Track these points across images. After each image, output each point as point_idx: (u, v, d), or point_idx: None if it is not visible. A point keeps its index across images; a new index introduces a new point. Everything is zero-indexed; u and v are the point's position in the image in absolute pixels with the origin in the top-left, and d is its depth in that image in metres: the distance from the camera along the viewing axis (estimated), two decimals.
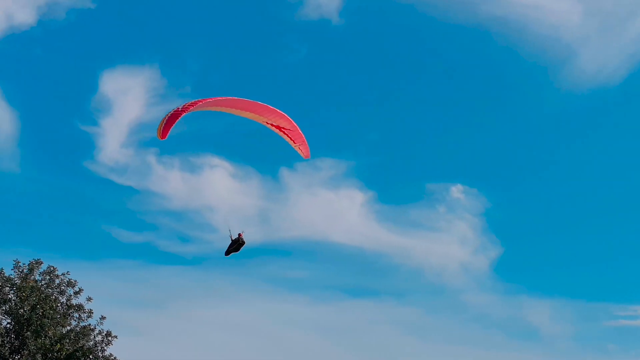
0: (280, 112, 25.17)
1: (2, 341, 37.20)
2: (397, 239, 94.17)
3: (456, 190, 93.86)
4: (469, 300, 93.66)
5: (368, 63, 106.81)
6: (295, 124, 25.55)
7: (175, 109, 23.71)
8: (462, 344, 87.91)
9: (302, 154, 26.80)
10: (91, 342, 38.61)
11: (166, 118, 23.74)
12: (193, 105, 23.73)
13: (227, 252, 26.32)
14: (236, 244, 26.15)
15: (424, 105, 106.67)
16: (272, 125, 25.38)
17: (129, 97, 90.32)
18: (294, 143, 26.35)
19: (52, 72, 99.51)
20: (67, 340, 37.85)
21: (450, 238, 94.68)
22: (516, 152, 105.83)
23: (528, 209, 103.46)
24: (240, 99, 24.93)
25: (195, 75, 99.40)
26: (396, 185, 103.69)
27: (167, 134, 23.72)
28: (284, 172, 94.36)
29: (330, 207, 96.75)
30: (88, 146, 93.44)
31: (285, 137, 26.01)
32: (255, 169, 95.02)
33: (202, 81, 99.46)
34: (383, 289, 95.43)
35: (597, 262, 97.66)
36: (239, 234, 25.80)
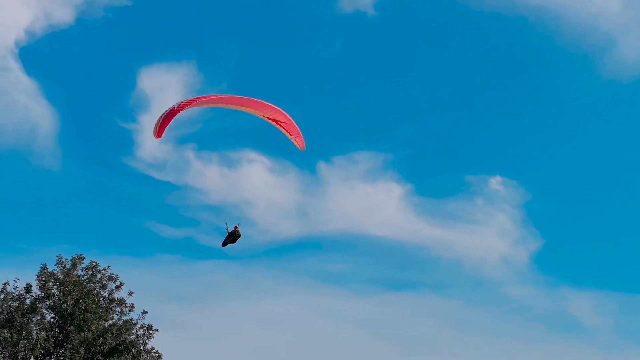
0: (275, 106, 25.79)
1: (46, 335, 37.66)
2: (436, 232, 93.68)
3: (495, 182, 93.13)
4: (510, 292, 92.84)
5: (403, 55, 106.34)
6: (290, 118, 26.17)
7: (171, 108, 24.20)
8: (503, 337, 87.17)
9: (297, 146, 27.48)
10: (133, 336, 38.95)
11: (162, 117, 24.26)
12: (189, 104, 24.24)
13: (224, 244, 27.45)
14: (232, 236, 27.29)
15: (462, 97, 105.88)
16: (268, 118, 26.03)
17: (166, 94, 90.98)
18: (290, 135, 26.98)
19: (91, 70, 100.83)
20: (110, 334, 38.19)
21: (490, 230, 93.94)
22: (556, 142, 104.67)
23: (568, 200, 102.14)
24: (236, 96, 25.58)
25: (231, 71, 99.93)
26: (434, 178, 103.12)
27: (163, 133, 24.29)
28: (322, 166, 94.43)
29: (368, 201, 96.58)
30: (127, 143, 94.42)
31: (281, 129, 26.65)
32: (292, 163, 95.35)
33: (239, 76, 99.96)
34: (422, 282, 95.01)
35: None
36: (235, 227, 27.02)
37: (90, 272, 40.12)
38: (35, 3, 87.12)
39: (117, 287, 40.24)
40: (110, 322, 39.22)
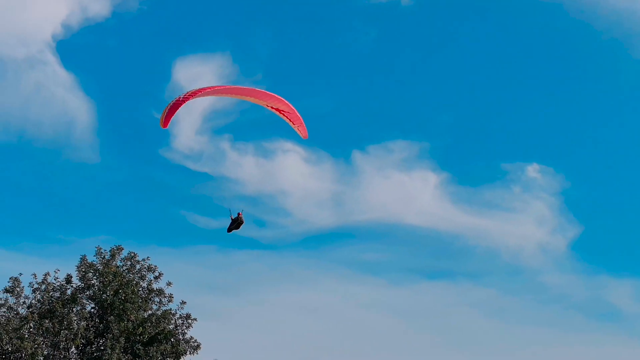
0: (279, 96, 26.29)
1: (87, 325, 38.09)
2: (473, 220, 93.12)
3: (532, 170, 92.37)
4: (548, 281, 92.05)
5: (438, 43, 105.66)
6: (293, 107, 26.63)
7: (177, 98, 24.69)
8: (541, 326, 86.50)
9: (300, 134, 27.98)
10: (172, 326, 39.23)
11: (168, 107, 24.76)
12: (194, 95, 24.76)
13: (229, 230, 28.42)
14: (236, 223, 28.21)
15: (497, 83, 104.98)
16: (272, 108, 26.54)
17: (201, 85, 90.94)
18: (293, 124, 27.47)
19: (127, 62, 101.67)
20: (149, 324, 38.48)
21: (527, 218, 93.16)
22: (593, 128, 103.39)
23: (606, 187, 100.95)
24: (241, 87, 26.41)
25: (266, 61, 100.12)
26: (470, 166, 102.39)
27: (168, 123, 24.84)
28: (357, 155, 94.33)
29: (404, 189, 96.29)
30: (163, 134, 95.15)
31: (285, 118, 27.16)
32: (327, 153, 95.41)
33: (273, 67, 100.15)
34: (459, 271, 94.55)
35: None
36: (239, 213, 27.85)
37: (129, 263, 40.46)
38: None
39: (156, 278, 40.55)
40: (150, 312, 39.52)
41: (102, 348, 37.67)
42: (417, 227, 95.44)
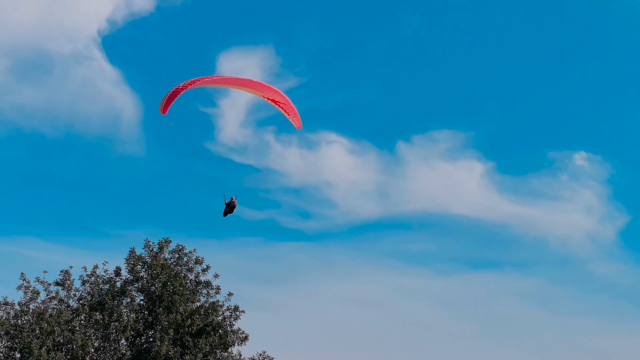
0: (274, 87, 27.07)
1: (136, 317, 38.45)
2: (519, 210, 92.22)
3: (579, 158, 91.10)
4: (596, 270, 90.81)
5: (482, 31, 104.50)
6: (287, 98, 27.30)
7: (176, 87, 25.54)
8: (589, 316, 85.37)
9: (295, 125, 28.55)
10: (220, 317, 39.40)
11: (167, 95, 25.63)
12: (192, 84, 25.57)
13: (224, 214, 30.02)
14: (229, 207, 29.72)
15: (542, 70, 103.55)
16: (268, 99, 27.31)
17: (245, 77, 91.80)
18: (288, 115, 28.10)
19: (171, 56, 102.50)
20: (197, 316, 38.66)
21: (574, 207, 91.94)
22: None
23: None
24: (237, 77, 27.18)
25: (309, 53, 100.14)
26: (516, 155, 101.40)
27: (167, 110, 25.82)
28: (401, 146, 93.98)
29: (449, 179, 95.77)
30: (208, 127, 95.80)
31: (280, 109, 27.82)
32: (372, 144, 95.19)
33: (316, 58, 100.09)
34: (506, 261, 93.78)
35: None
36: (232, 198, 29.31)
37: (177, 255, 40.70)
38: None
39: (204, 270, 40.72)
40: (198, 304, 39.72)
41: (151, 340, 37.96)
42: (463, 217, 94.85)
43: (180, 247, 41.09)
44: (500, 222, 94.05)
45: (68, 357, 36.33)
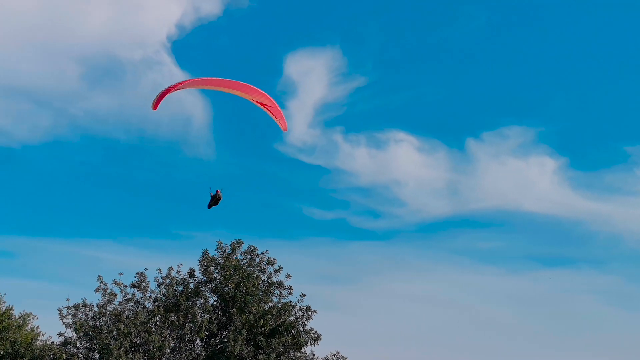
0: (261, 90, 27.91)
1: (210, 318, 38.89)
2: (594, 206, 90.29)
3: None
4: None
5: (551, 26, 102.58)
6: (274, 101, 28.23)
7: (168, 87, 27.00)
8: None
9: (281, 127, 29.45)
10: (292, 317, 39.56)
11: (158, 95, 27.12)
12: (183, 84, 26.82)
13: (209, 206, 30.91)
14: (214, 199, 30.57)
15: (616, 62, 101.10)
16: (256, 102, 28.06)
17: (312, 79, 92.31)
18: (275, 117, 28.86)
19: (239, 59, 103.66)
20: (270, 316, 38.90)
21: None
22: None
23: None
24: (226, 80, 27.98)
25: (375, 52, 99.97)
26: (590, 150, 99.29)
27: (157, 106, 27.52)
28: (471, 143, 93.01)
29: (521, 176, 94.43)
30: (276, 129, 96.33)
31: (267, 112, 28.67)
32: (441, 141, 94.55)
33: (383, 57, 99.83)
34: (580, 258, 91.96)
35: None
36: (217, 191, 30.17)
37: (249, 256, 41.02)
38: None
39: (276, 271, 40.93)
40: (270, 304, 39.95)
41: (225, 340, 38.33)
42: (536, 213, 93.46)
43: (252, 248, 41.41)
44: (574, 219, 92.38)
45: (145, 357, 36.97)
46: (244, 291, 39.35)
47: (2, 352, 37.94)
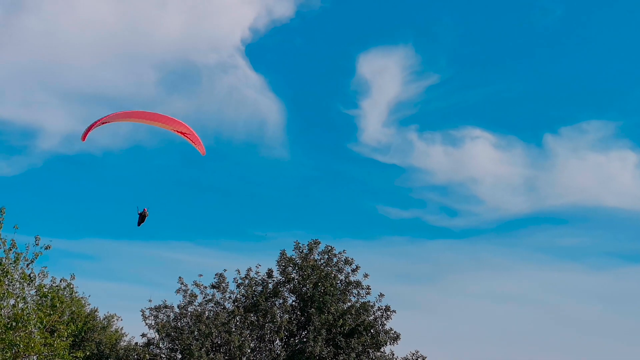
0: (180, 120, 29.40)
1: (289, 318, 39.04)
2: None
3: None
4: None
5: (628, 16, 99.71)
6: (191, 129, 29.71)
7: (95, 122, 28.58)
8: None
9: (200, 152, 30.60)
10: (371, 317, 39.39)
11: (87, 128, 28.74)
12: (107, 117, 28.43)
13: (138, 224, 31.66)
14: (141, 217, 31.44)
15: None
16: (176, 131, 29.60)
17: (385, 77, 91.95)
18: (194, 144, 30.25)
19: (312, 60, 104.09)
20: (349, 316, 38.79)
21: None
22: None
23: None
24: (148, 112, 29.57)
25: (449, 49, 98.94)
26: None
27: (85, 138, 28.88)
28: (549, 138, 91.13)
29: (601, 171, 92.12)
30: (351, 128, 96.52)
31: (187, 140, 30.13)
32: (518, 138, 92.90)
33: (457, 53, 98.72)
34: None
35: None
36: (144, 209, 31.05)
37: (326, 256, 41.04)
38: (257, 1, 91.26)
39: (353, 271, 40.83)
40: (349, 304, 39.86)
41: (304, 340, 38.43)
42: (618, 209, 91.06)
43: (330, 248, 41.40)
44: None
45: (226, 357, 37.33)
46: (322, 291, 39.37)
47: (87, 353, 38.84)
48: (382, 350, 38.94)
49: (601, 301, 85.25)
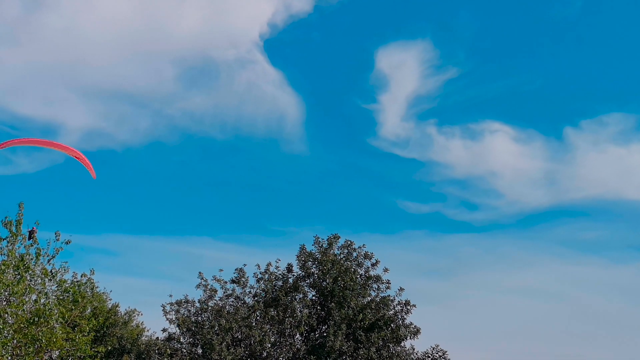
0: (72, 147, 31.92)
1: (309, 312, 39.06)
2: None
3: None
4: None
5: None
6: (82, 154, 32.00)
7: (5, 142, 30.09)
8: None
9: (92, 175, 32.75)
10: (391, 312, 39.34)
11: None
12: (12, 141, 30.11)
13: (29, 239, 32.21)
14: (30, 234, 32.00)
15: None
16: (73, 155, 31.84)
17: (404, 72, 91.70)
18: (88, 167, 32.33)
19: (331, 55, 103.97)
20: (369, 310, 38.73)
21: None
22: None
23: None
24: (50, 141, 32.06)
25: (468, 42, 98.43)
26: None
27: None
28: (569, 131, 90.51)
29: (622, 164, 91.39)
30: (369, 123, 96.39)
31: (82, 163, 32.09)
32: (537, 131, 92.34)
33: (476, 47, 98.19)
34: None
35: None
36: (34, 228, 31.74)
37: (346, 251, 41.00)
38: None
39: (373, 265, 40.77)
40: (369, 298, 39.80)
41: (324, 334, 38.41)
42: (639, 202, 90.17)
43: (349, 242, 41.32)
44: None
45: (246, 352, 37.43)
46: (342, 285, 39.35)
47: (109, 347, 39.09)
48: (402, 344, 38.85)
49: (623, 295, 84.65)
